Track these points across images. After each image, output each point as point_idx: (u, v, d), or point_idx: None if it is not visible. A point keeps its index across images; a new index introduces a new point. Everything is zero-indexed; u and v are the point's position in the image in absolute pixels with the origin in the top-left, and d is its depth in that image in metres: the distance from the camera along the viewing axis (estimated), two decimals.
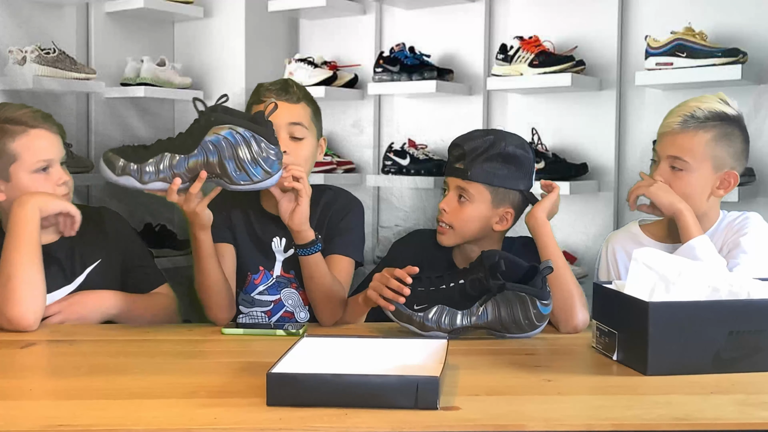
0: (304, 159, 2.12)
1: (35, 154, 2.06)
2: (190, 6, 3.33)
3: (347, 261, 2.17)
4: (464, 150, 2.07)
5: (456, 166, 2.10)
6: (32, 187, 2.05)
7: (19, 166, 2.05)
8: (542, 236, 2.03)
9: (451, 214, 2.09)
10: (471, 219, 2.09)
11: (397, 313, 1.84)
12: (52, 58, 2.87)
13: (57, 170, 2.10)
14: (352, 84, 3.26)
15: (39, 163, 2.06)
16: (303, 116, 2.14)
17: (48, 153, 2.08)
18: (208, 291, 2.02)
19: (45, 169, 2.07)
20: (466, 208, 2.08)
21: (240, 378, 1.54)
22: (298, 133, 2.12)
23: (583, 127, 2.95)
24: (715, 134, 2.01)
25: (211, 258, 2.00)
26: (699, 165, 2.02)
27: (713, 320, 1.58)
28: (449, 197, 2.11)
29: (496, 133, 2.13)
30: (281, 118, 2.05)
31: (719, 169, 2.03)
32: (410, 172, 3.07)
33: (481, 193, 2.07)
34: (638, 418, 1.32)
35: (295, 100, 2.14)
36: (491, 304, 1.83)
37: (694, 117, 2.02)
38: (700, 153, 2.01)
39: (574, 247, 2.93)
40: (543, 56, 2.81)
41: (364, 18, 3.33)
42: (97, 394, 1.45)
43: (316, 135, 2.19)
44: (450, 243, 2.13)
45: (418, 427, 1.27)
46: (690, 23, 2.60)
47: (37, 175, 2.06)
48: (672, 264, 1.69)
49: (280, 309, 2.20)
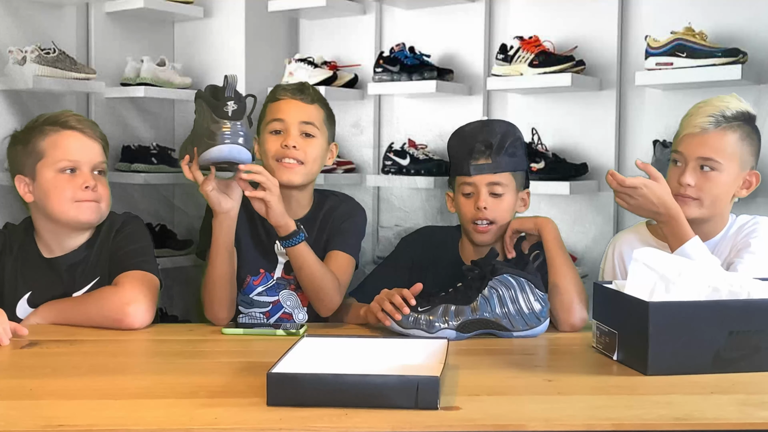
0: (313, 158, 2.17)
1: (61, 153, 2.04)
2: (190, 6, 3.33)
3: (346, 257, 2.17)
4: (490, 143, 2.11)
5: (481, 163, 2.12)
6: (52, 187, 2.03)
7: (45, 164, 2.04)
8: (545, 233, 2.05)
9: (490, 210, 2.11)
10: (508, 209, 2.15)
11: (402, 323, 1.85)
12: (52, 58, 2.87)
13: (84, 174, 2.05)
14: (352, 84, 3.26)
15: (63, 163, 2.03)
16: (315, 117, 2.20)
17: (75, 154, 2.05)
18: (214, 285, 2.03)
19: (72, 171, 2.04)
20: (504, 200, 2.14)
21: (240, 378, 1.54)
22: (310, 131, 2.18)
23: (583, 127, 2.95)
24: (741, 133, 2.01)
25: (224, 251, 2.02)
26: (729, 165, 2.00)
27: (713, 320, 1.58)
28: (484, 195, 2.12)
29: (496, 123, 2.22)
30: (294, 116, 2.17)
31: (744, 169, 2.03)
32: (410, 172, 3.07)
33: (510, 182, 2.14)
34: (638, 418, 1.32)
35: (309, 101, 2.21)
36: (495, 296, 1.84)
37: (724, 116, 2.00)
38: (730, 153, 2.00)
39: (574, 247, 2.93)
40: (543, 56, 2.81)
41: (364, 18, 3.33)
42: (97, 394, 1.45)
43: (327, 137, 2.23)
44: (492, 240, 2.15)
45: (419, 427, 1.28)
46: (690, 23, 2.60)
47: (62, 176, 2.04)
48: (672, 264, 1.69)
49: (279, 310, 2.20)
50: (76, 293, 2.09)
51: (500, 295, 1.86)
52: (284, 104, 2.19)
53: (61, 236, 2.10)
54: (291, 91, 2.21)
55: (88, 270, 2.09)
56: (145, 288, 1.99)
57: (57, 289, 2.07)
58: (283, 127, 2.17)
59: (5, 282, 2.10)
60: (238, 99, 1.91)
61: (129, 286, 1.97)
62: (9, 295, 2.09)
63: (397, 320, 1.84)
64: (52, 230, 2.10)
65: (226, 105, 1.89)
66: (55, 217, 2.07)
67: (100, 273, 2.09)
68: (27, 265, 2.10)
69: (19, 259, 2.11)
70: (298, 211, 2.22)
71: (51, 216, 2.07)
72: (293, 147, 2.14)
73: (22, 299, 2.08)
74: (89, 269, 2.09)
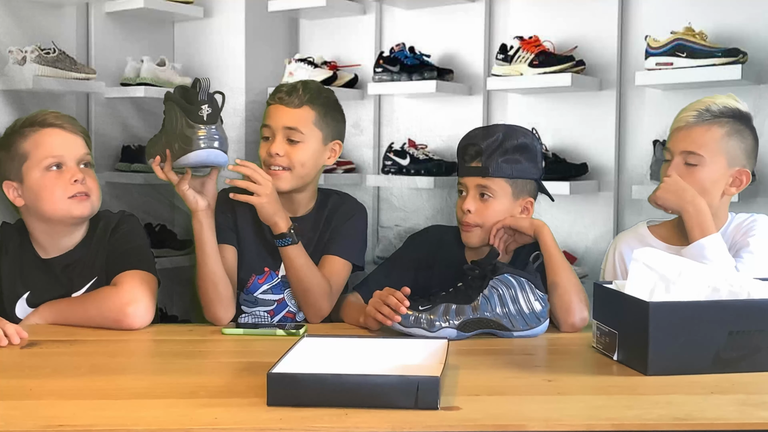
0: (300, 162, 2.15)
1: (44, 151, 2.03)
2: (190, 6, 3.33)
3: (341, 262, 2.17)
4: (480, 148, 2.09)
5: (473, 166, 2.10)
6: (41, 187, 2.03)
7: (30, 165, 2.03)
8: (543, 235, 2.05)
9: (477, 213, 2.10)
10: (497, 214, 2.10)
11: (402, 322, 1.85)
12: (52, 58, 2.87)
13: (71, 169, 2.04)
14: (352, 84, 3.26)
15: (48, 160, 2.03)
16: (302, 120, 2.16)
17: (59, 150, 2.04)
18: (206, 283, 2.04)
19: (58, 167, 2.04)
20: (491, 204, 2.10)
21: (240, 378, 1.54)
22: (294, 136, 2.15)
23: (583, 127, 2.95)
24: (729, 129, 2.01)
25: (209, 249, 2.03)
26: (713, 159, 2.00)
27: (713, 320, 1.58)
28: (471, 197, 2.11)
29: (503, 128, 2.16)
30: (279, 121, 2.16)
31: (732, 166, 2.02)
32: (410, 172, 3.07)
33: (502, 188, 2.10)
34: (638, 418, 1.32)
35: (297, 104, 2.16)
36: (495, 295, 1.85)
37: (708, 111, 2.01)
38: (715, 147, 2.00)
39: (574, 247, 2.93)
40: (543, 56, 2.81)
41: (364, 18, 3.33)
42: (97, 394, 1.45)
43: (321, 138, 2.20)
44: (478, 242, 2.14)
45: (419, 427, 1.28)
46: (690, 23, 2.60)
47: (49, 173, 2.03)
48: (672, 264, 1.69)
49: (284, 309, 2.20)
50: (75, 294, 2.08)
51: (501, 295, 1.86)
52: (272, 109, 2.19)
53: (56, 236, 2.10)
54: (280, 94, 2.18)
55: (85, 270, 2.09)
56: (145, 288, 1.98)
57: (55, 289, 2.07)
58: (270, 133, 2.18)
59: (3, 282, 2.10)
60: (211, 102, 1.92)
61: (128, 286, 1.97)
62: (8, 296, 2.09)
63: (396, 321, 1.84)
64: (46, 230, 2.10)
65: (201, 109, 1.90)
66: (47, 216, 2.06)
67: (97, 273, 2.09)
68: (24, 265, 2.10)
69: (16, 259, 2.11)
70: (299, 210, 2.22)
71: (43, 216, 2.07)
72: (276, 154, 2.14)
73: (21, 299, 2.08)
74: (86, 270, 2.09)
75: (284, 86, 2.23)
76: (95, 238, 2.11)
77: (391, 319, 1.85)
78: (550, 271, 2.00)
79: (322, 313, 2.12)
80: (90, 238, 2.12)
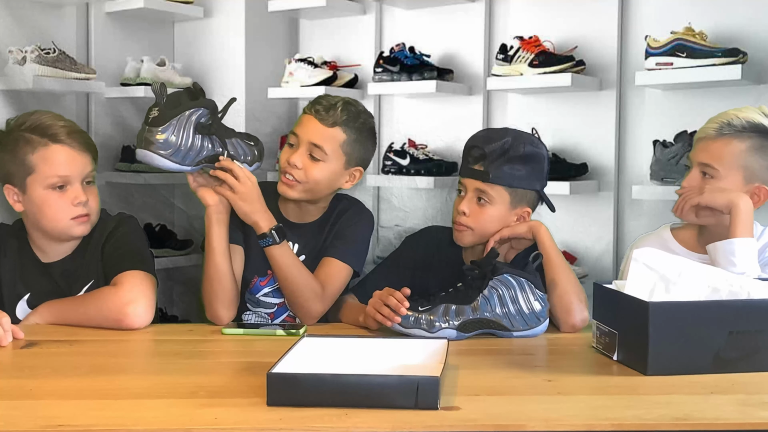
0: (315, 180, 2.13)
1: (51, 169, 2.02)
2: (190, 6, 3.33)
3: (339, 265, 2.15)
4: (484, 152, 2.06)
5: (475, 168, 2.08)
6: (44, 204, 2.03)
7: (35, 179, 2.03)
8: (540, 235, 2.04)
9: (471, 216, 2.09)
10: (491, 220, 2.09)
11: (402, 323, 1.84)
12: (52, 58, 2.87)
13: (75, 189, 2.04)
14: (352, 84, 3.26)
15: (53, 179, 2.02)
16: (330, 140, 2.13)
17: (65, 170, 2.03)
18: (210, 279, 2.04)
19: (61, 187, 2.04)
20: (487, 210, 2.08)
21: (240, 378, 1.54)
22: (317, 154, 2.12)
23: (583, 127, 2.95)
24: (750, 145, 1.97)
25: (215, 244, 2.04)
26: (728, 173, 1.97)
27: (713, 320, 1.58)
28: (468, 199, 2.10)
29: (513, 134, 2.11)
30: (306, 134, 2.14)
31: (750, 181, 1.98)
32: (410, 172, 3.07)
33: (501, 195, 2.07)
34: (638, 418, 1.32)
35: (330, 123, 2.13)
36: (495, 295, 1.85)
37: (730, 125, 1.98)
38: (731, 162, 1.97)
39: (574, 247, 2.93)
40: (543, 56, 2.81)
41: (364, 18, 3.33)
42: (97, 394, 1.45)
43: (344, 162, 2.16)
44: (468, 243, 2.13)
45: (418, 427, 1.28)
46: (690, 23, 2.60)
47: (52, 192, 2.03)
48: (672, 264, 1.69)
49: (284, 312, 2.20)
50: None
51: (500, 295, 1.86)
52: (305, 119, 2.15)
53: (53, 243, 2.12)
54: (318, 107, 2.15)
55: (82, 272, 2.10)
56: (145, 288, 1.99)
57: (54, 292, 2.08)
58: (295, 141, 2.15)
59: (3, 283, 2.10)
60: (165, 107, 1.94)
61: (128, 286, 1.97)
62: (8, 296, 2.09)
63: (396, 322, 1.84)
64: (43, 238, 2.11)
65: (150, 111, 1.95)
66: (46, 231, 2.08)
67: (93, 276, 2.09)
68: (24, 267, 2.11)
69: (16, 261, 2.11)
70: (308, 217, 2.22)
71: (42, 230, 2.09)
72: (295, 165, 2.12)
73: (21, 300, 2.09)
74: (83, 272, 2.10)
75: (325, 99, 2.19)
76: (92, 241, 2.12)
77: (391, 320, 1.85)
78: (549, 270, 1.99)
79: (313, 314, 2.10)
80: (87, 241, 2.12)
